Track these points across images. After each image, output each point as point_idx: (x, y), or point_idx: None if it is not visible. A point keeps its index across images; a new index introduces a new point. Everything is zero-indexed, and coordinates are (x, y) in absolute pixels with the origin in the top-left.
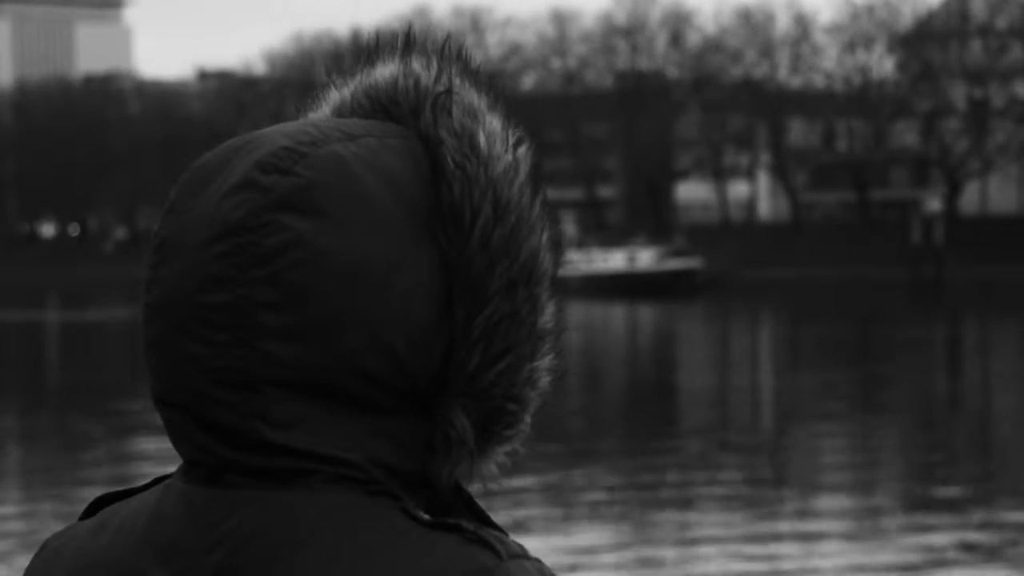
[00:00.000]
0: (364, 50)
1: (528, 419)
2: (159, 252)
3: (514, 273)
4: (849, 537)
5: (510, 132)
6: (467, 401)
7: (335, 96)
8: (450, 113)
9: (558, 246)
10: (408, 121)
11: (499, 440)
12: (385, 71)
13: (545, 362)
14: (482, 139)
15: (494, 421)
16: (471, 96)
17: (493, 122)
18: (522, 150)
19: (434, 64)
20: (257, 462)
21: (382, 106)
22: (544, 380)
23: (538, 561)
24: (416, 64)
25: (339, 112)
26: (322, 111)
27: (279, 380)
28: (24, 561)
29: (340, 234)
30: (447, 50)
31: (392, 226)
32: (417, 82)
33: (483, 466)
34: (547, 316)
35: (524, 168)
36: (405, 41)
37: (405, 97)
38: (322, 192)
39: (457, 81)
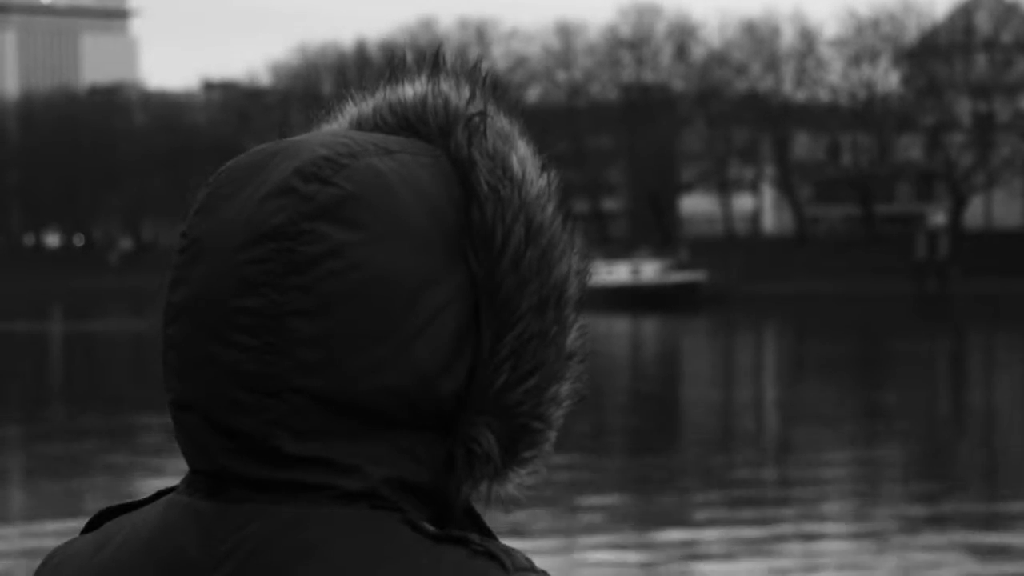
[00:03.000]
0: (389, 67)
1: (552, 439)
2: (188, 252)
3: (545, 293)
4: (851, 553)
5: (539, 158)
6: (491, 419)
7: (353, 110)
8: (484, 135)
9: (586, 271)
10: (436, 140)
11: (520, 461)
12: (412, 89)
13: (568, 384)
14: (515, 163)
15: (517, 440)
16: (502, 120)
17: (524, 147)
18: (552, 176)
19: (464, 86)
20: (266, 472)
21: (408, 123)
22: (567, 402)
23: (545, 574)
24: (445, 84)
25: (358, 126)
26: (339, 123)
27: (304, 389)
28: (26, 575)
29: (376, 247)
30: (478, 73)
31: (425, 243)
32: (447, 102)
33: (501, 488)
34: (572, 338)
35: (555, 193)
36: (434, 61)
37: (434, 116)
38: (361, 205)
39: (490, 105)
